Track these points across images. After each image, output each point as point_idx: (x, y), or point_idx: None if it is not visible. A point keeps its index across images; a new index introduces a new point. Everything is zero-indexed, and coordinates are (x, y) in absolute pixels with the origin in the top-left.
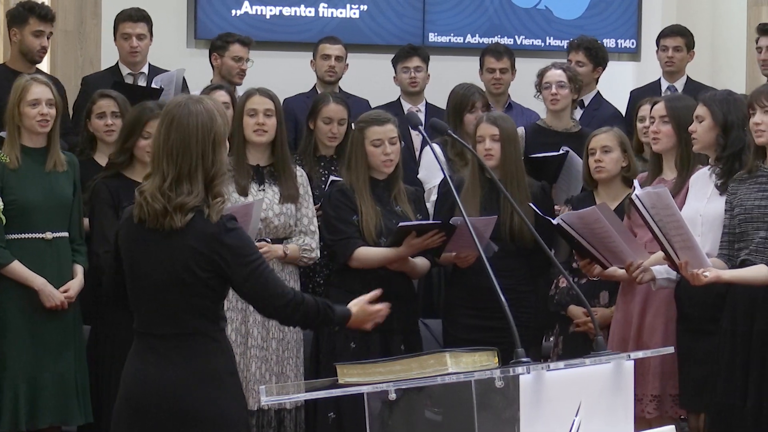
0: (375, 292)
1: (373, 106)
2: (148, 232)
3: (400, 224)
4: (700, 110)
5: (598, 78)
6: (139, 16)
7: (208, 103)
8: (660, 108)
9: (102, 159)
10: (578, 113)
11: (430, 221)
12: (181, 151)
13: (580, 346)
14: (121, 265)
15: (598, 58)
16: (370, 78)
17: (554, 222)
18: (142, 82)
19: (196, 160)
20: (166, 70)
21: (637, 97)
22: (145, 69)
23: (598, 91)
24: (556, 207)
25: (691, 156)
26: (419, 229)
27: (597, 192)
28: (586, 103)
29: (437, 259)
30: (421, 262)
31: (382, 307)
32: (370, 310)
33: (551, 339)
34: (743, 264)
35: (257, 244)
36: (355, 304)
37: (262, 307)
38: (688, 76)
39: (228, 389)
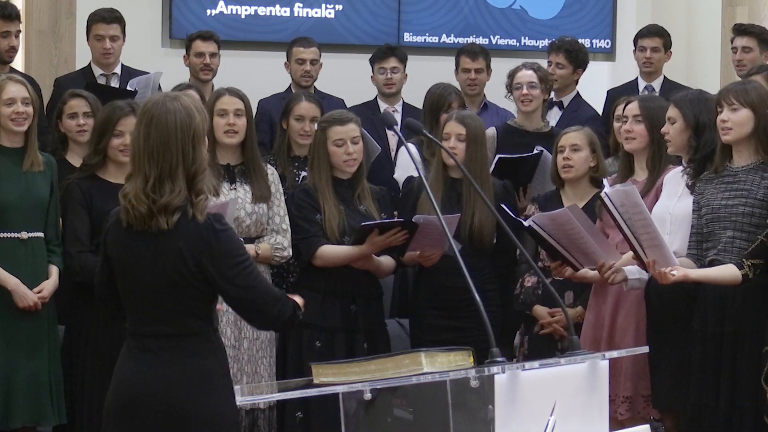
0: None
1: (349, 106)
2: (136, 235)
3: (363, 223)
4: (672, 112)
5: (578, 80)
6: (112, 17)
7: (186, 99)
8: (633, 107)
9: (74, 159)
10: (557, 114)
11: (392, 219)
12: (161, 150)
13: (545, 345)
14: (111, 270)
15: (579, 60)
16: (346, 78)
17: (525, 224)
18: (114, 83)
19: (177, 159)
20: (140, 71)
21: (615, 96)
22: (118, 70)
23: (578, 93)
24: (524, 206)
25: (662, 157)
26: (382, 228)
27: (564, 191)
28: (566, 104)
29: (401, 258)
30: (387, 261)
31: None
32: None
33: (517, 338)
34: (712, 264)
35: None
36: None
37: (249, 311)
38: (665, 76)
39: (221, 389)
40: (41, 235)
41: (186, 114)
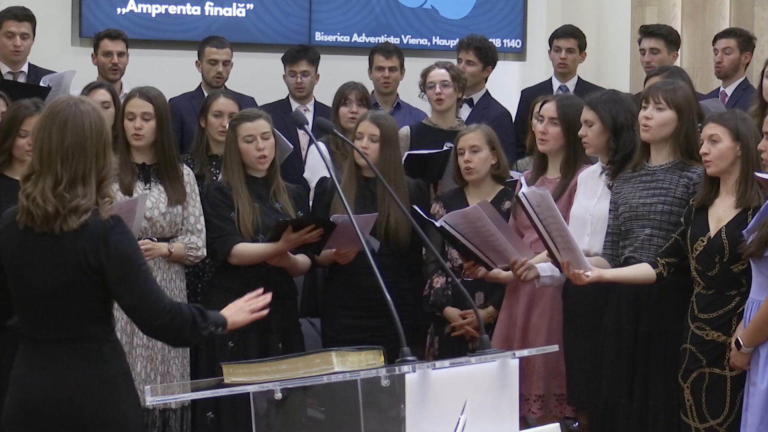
0: (254, 293)
1: (260, 105)
2: (35, 237)
3: (279, 220)
4: (588, 114)
5: (487, 77)
6: (24, 15)
7: (92, 103)
8: (550, 109)
9: None
10: (467, 112)
11: (308, 217)
12: (77, 153)
13: (456, 346)
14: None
15: (488, 58)
16: (257, 77)
17: (437, 224)
18: (22, 81)
19: (91, 162)
20: (47, 69)
21: (529, 96)
22: (25, 68)
23: (487, 90)
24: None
25: (578, 159)
26: (297, 225)
27: (467, 189)
28: (476, 101)
29: (317, 257)
30: (302, 260)
31: (258, 299)
32: (240, 305)
33: (427, 338)
34: (627, 261)
35: (141, 242)
36: (229, 308)
37: (138, 316)
38: (579, 77)
39: (124, 391)
40: None
41: (98, 118)
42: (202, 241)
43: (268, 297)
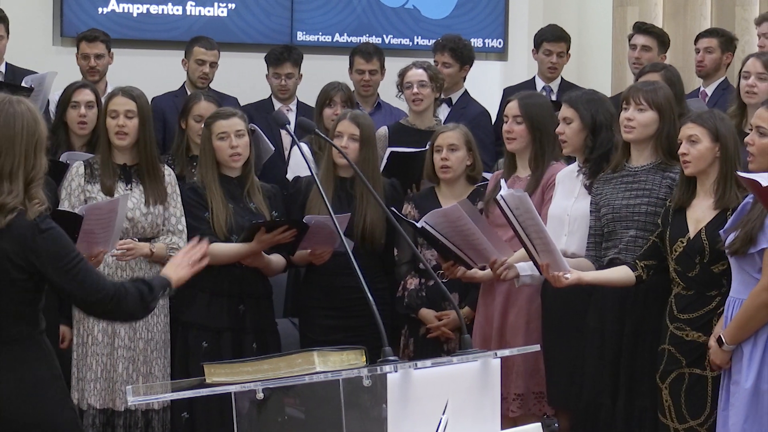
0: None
1: (243, 105)
2: None
3: (252, 222)
4: (567, 112)
5: (465, 76)
6: None
7: (30, 104)
8: (513, 107)
9: None
10: (446, 111)
11: (281, 219)
12: (5, 150)
13: (431, 347)
14: None
15: (464, 57)
16: (239, 76)
17: (418, 225)
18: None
19: (19, 161)
20: (26, 69)
21: (510, 95)
22: (2, 68)
23: (466, 90)
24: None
25: (545, 154)
26: (269, 227)
27: (439, 189)
28: (454, 101)
29: (292, 257)
30: (276, 260)
31: (195, 249)
32: (178, 260)
33: (402, 340)
34: (611, 263)
35: (122, 242)
36: (168, 267)
37: (84, 307)
38: (562, 77)
39: (54, 394)
40: None
41: (32, 118)
42: (183, 242)
43: (204, 245)
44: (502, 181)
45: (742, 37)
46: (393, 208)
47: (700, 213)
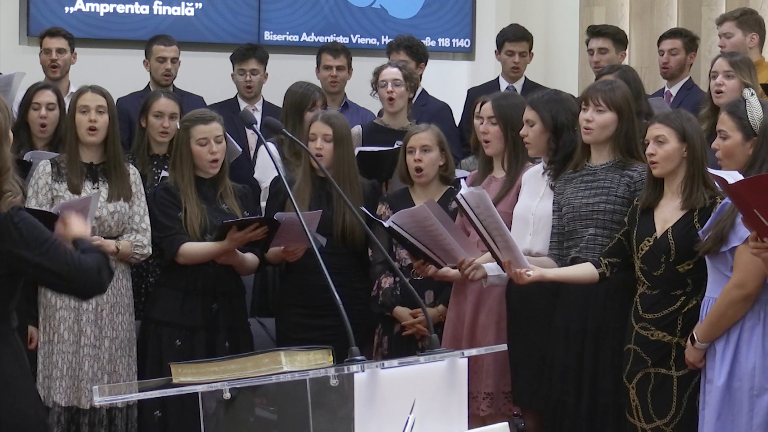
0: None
1: (208, 104)
2: None
3: (222, 222)
4: (529, 114)
5: (422, 74)
6: None
7: None
8: (487, 109)
9: None
10: None
11: (252, 217)
12: None
13: (406, 345)
14: None
15: (420, 54)
16: (206, 76)
17: (385, 225)
18: None
19: None
20: None
21: (476, 95)
22: None
23: (423, 88)
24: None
25: (519, 155)
26: (240, 225)
27: (413, 189)
28: (414, 99)
29: (265, 255)
30: (250, 258)
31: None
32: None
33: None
34: (574, 261)
35: (91, 239)
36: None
37: (66, 284)
38: (525, 77)
39: (22, 391)
40: None
41: None
42: (147, 240)
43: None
44: (462, 181)
45: (708, 38)
46: (364, 208)
47: (667, 213)
